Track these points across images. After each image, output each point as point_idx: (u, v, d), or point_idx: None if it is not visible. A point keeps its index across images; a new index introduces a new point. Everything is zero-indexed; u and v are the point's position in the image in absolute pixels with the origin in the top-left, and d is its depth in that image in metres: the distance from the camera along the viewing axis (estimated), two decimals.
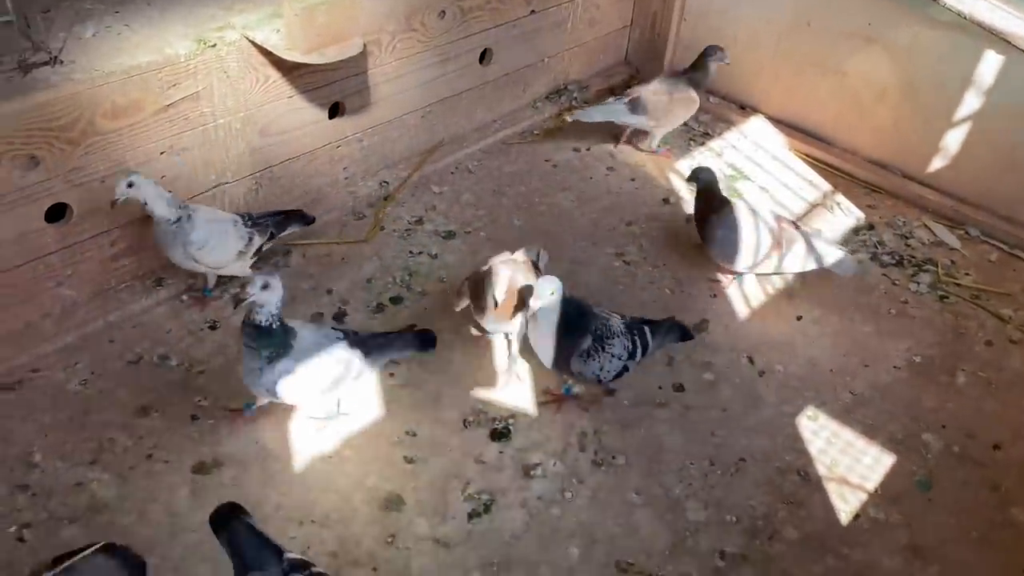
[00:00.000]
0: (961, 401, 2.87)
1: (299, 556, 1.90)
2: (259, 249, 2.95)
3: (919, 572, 2.36)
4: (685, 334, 2.75)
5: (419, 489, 2.48)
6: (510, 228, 3.48)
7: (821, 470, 2.62)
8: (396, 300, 3.10)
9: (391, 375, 2.81)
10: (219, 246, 2.82)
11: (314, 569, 1.87)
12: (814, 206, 3.74)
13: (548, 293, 2.43)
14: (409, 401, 2.73)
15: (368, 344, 2.53)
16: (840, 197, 3.78)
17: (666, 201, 3.69)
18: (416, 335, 2.66)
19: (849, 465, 2.64)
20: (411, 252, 3.32)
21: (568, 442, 2.65)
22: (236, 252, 2.87)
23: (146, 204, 2.63)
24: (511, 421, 2.69)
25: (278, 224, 3.01)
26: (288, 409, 2.65)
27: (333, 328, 2.54)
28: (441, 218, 3.50)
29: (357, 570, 2.26)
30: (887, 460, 2.66)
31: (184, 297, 2.98)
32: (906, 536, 2.45)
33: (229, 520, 1.92)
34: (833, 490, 2.57)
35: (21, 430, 2.51)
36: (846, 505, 2.53)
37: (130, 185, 2.57)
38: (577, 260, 3.35)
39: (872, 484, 2.59)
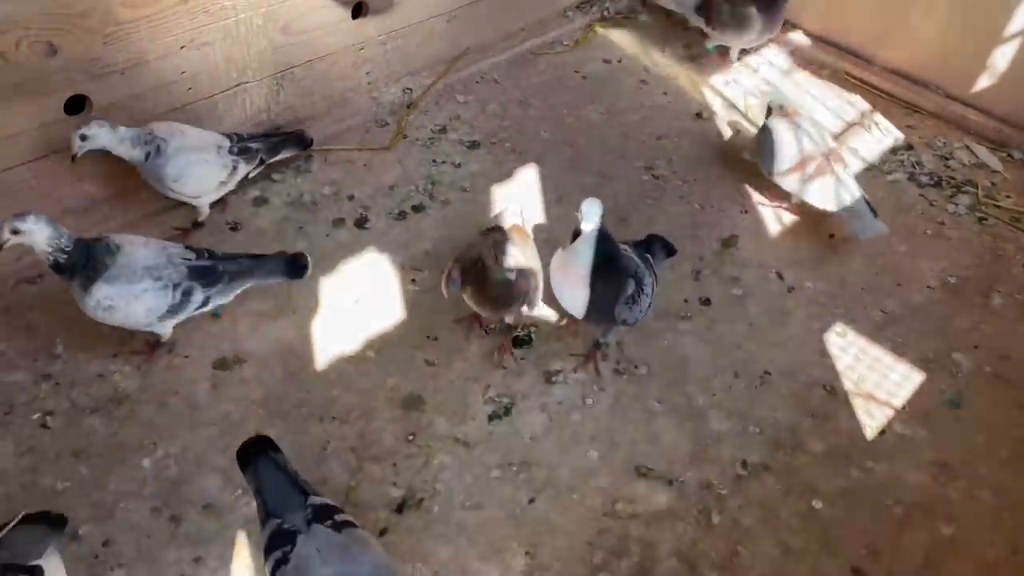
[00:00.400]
0: (996, 322, 2.80)
1: (325, 501, 1.84)
2: (245, 176, 2.80)
3: (944, 487, 2.32)
4: (671, 250, 2.67)
5: (439, 391, 2.46)
6: (536, 140, 3.39)
7: (848, 385, 2.57)
8: (418, 208, 3.05)
9: (412, 281, 2.78)
10: (197, 177, 2.66)
11: (338, 517, 1.80)
12: (851, 125, 3.60)
13: (597, 214, 2.17)
14: (431, 307, 2.70)
15: (220, 271, 2.34)
16: (879, 117, 3.64)
17: (699, 116, 3.57)
18: (285, 260, 2.48)
19: (877, 382, 2.59)
20: (434, 161, 3.24)
21: (590, 351, 2.61)
22: (217, 183, 2.72)
23: (110, 151, 2.52)
24: (533, 329, 2.66)
25: (271, 149, 2.84)
26: (309, 310, 2.63)
27: (187, 248, 2.35)
28: (465, 128, 3.42)
29: (377, 465, 2.26)
30: (916, 378, 2.61)
31: None
32: (932, 452, 2.41)
33: (257, 456, 1.87)
34: (859, 405, 2.52)
35: (43, 323, 2.51)
36: (872, 420, 2.48)
37: (83, 138, 2.44)
38: (604, 174, 3.26)
39: (899, 401, 2.54)
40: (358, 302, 2.68)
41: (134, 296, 2.19)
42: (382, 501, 2.19)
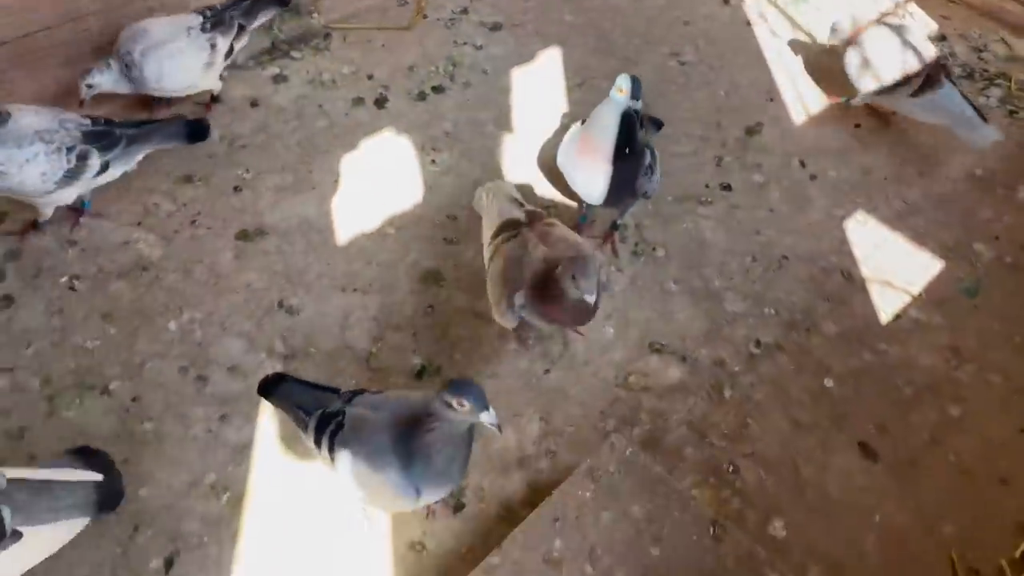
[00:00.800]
0: (1019, 214, 2.77)
1: (354, 389, 1.88)
2: (231, 50, 2.70)
3: (955, 370, 2.35)
4: (659, 124, 2.64)
5: (458, 267, 2.49)
6: (560, 24, 3.32)
7: (865, 272, 2.58)
8: (438, 89, 3.01)
9: (432, 162, 2.77)
10: (174, 70, 2.58)
11: (371, 390, 1.86)
12: (885, 15, 3.50)
13: (634, 90, 2.17)
14: (450, 187, 2.70)
15: (117, 135, 2.30)
16: (913, 6, 3.53)
17: (726, 2, 3.47)
18: (186, 124, 2.45)
19: (895, 269, 2.59)
20: (455, 42, 3.19)
21: (607, 233, 2.61)
22: (201, 66, 2.63)
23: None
24: (550, 207, 2.66)
25: (247, 12, 2.72)
26: (329, 187, 2.64)
27: (87, 116, 2.30)
28: (487, 9, 3.34)
29: (397, 334, 2.31)
30: (935, 266, 2.61)
31: (224, 74, 2.91)
32: (946, 337, 2.43)
33: (278, 383, 1.90)
34: (876, 291, 2.53)
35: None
36: (888, 306, 2.50)
37: (90, 87, 2.51)
38: (629, 59, 3.20)
39: (917, 288, 2.55)
40: (378, 181, 2.68)
41: (25, 160, 2.15)
42: (402, 368, 2.24)
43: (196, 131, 2.47)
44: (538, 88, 3.05)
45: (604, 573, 1.68)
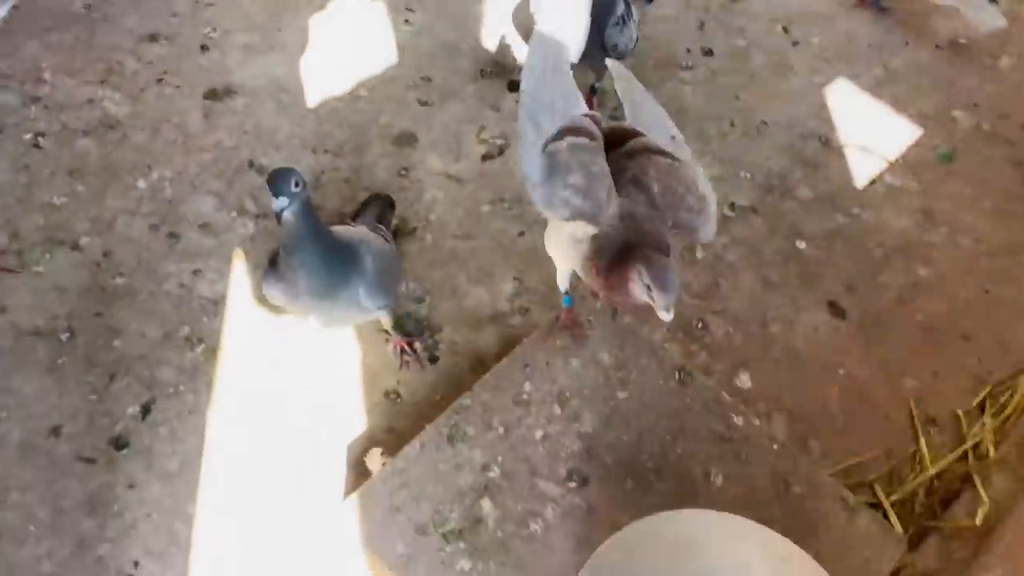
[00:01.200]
0: (1001, 83, 2.75)
1: None
2: None
3: (926, 233, 2.37)
4: None
5: (433, 130, 2.45)
6: None
7: (843, 138, 2.56)
8: None
9: (406, 22, 2.69)
10: None
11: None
12: None
13: None
14: (425, 48, 2.63)
15: None
16: None
17: None
18: None
19: (873, 135, 2.57)
20: None
21: (585, 95, 2.57)
22: None
23: None
24: None
25: None
26: (299, 46, 2.56)
27: None
28: None
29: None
30: (913, 133, 2.60)
31: None
32: (920, 201, 2.44)
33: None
34: (853, 157, 2.52)
35: (28, 46, 2.45)
36: (864, 171, 2.50)
37: None
38: None
39: (894, 154, 2.54)
40: (349, 41, 2.60)
41: None
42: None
43: None
44: None
45: (572, 414, 1.72)
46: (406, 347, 1.99)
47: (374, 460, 1.78)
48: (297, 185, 1.46)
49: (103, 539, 1.71)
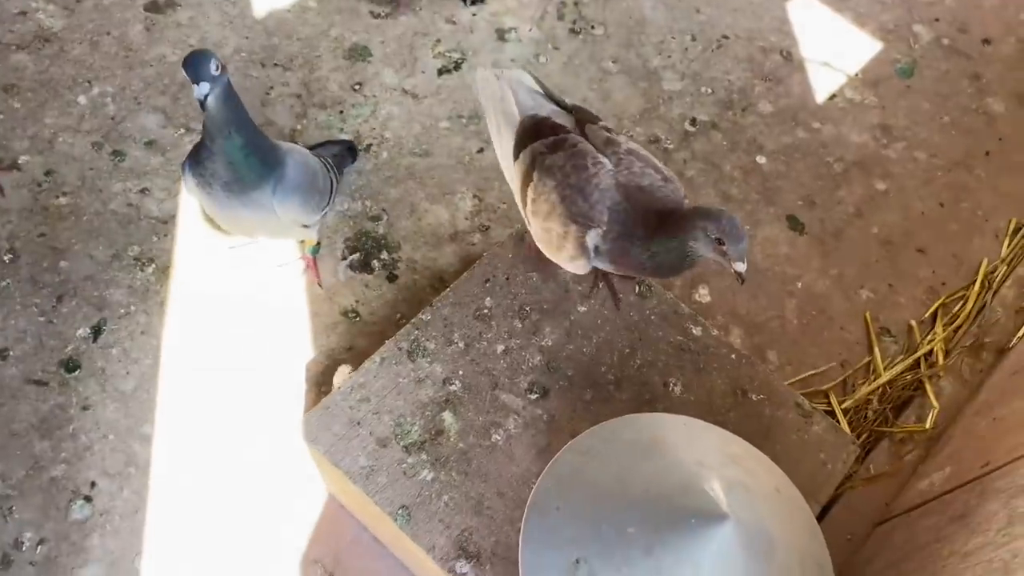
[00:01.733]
0: None
1: None
2: None
3: (884, 148, 2.38)
4: None
5: (387, 43, 2.37)
6: None
7: (804, 52, 2.53)
8: None
9: None
10: None
11: None
12: None
13: None
14: None
15: None
16: None
17: None
18: None
19: (834, 50, 2.55)
20: None
21: (546, 10, 2.50)
22: None
23: None
24: None
25: None
26: None
27: None
28: None
29: (323, 112, 2.22)
30: (873, 47, 2.58)
31: None
32: (878, 116, 2.44)
33: None
34: (813, 71, 2.50)
35: None
36: (824, 86, 2.48)
37: None
38: None
39: (854, 69, 2.52)
40: None
41: None
42: None
43: None
44: None
45: (533, 326, 1.72)
46: (312, 267, 1.96)
47: (342, 377, 1.76)
48: (217, 69, 1.40)
49: (57, 460, 1.68)
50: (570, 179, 1.41)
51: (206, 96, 1.39)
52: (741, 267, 1.30)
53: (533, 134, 1.49)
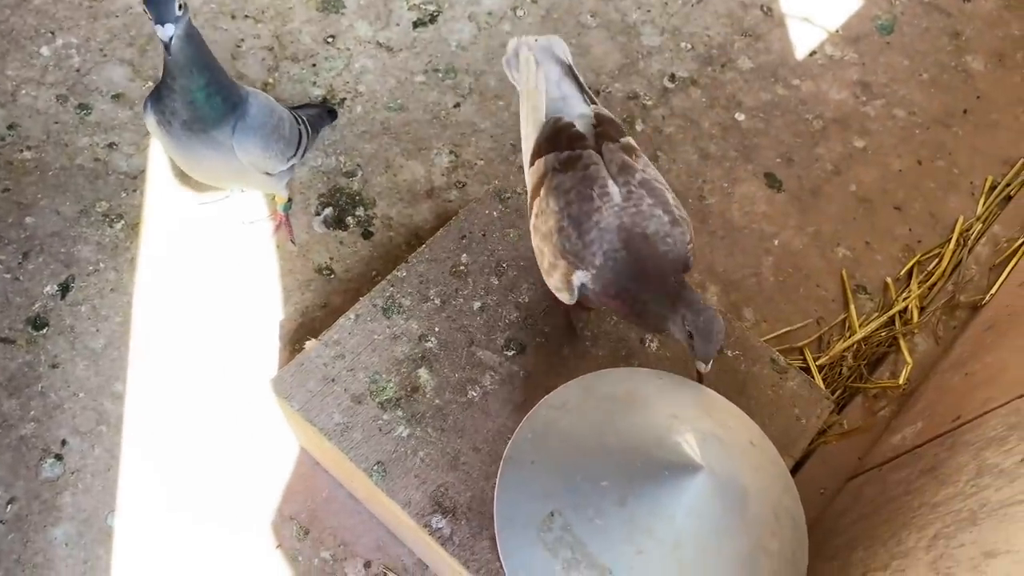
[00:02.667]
0: None
1: None
2: None
3: (863, 105, 2.36)
4: None
5: None
6: None
7: (785, 8, 2.51)
8: None
9: None
10: None
11: None
12: None
13: None
14: None
15: None
16: None
17: None
18: None
19: (815, 5, 2.52)
20: None
21: None
22: None
23: None
24: None
25: None
26: None
27: None
28: None
29: (295, 65, 2.17)
30: (854, 3, 2.55)
31: None
32: (858, 73, 2.42)
33: None
34: (794, 27, 2.48)
35: None
36: (804, 42, 2.45)
37: None
38: None
39: (834, 25, 2.50)
40: None
41: None
42: (302, 98, 2.13)
43: None
44: None
45: (510, 283, 1.70)
46: (285, 224, 1.93)
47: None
48: (180, 8, 1.35)
49: (26, 419, 1.66)
50: (571, 208, 1.34)
51: (171, 38, 1.35)
52: (702, 367, 1.28)
53: (552, 142, 1.41)
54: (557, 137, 1.41)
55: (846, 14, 2.53)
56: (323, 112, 1.99)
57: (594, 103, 1.49)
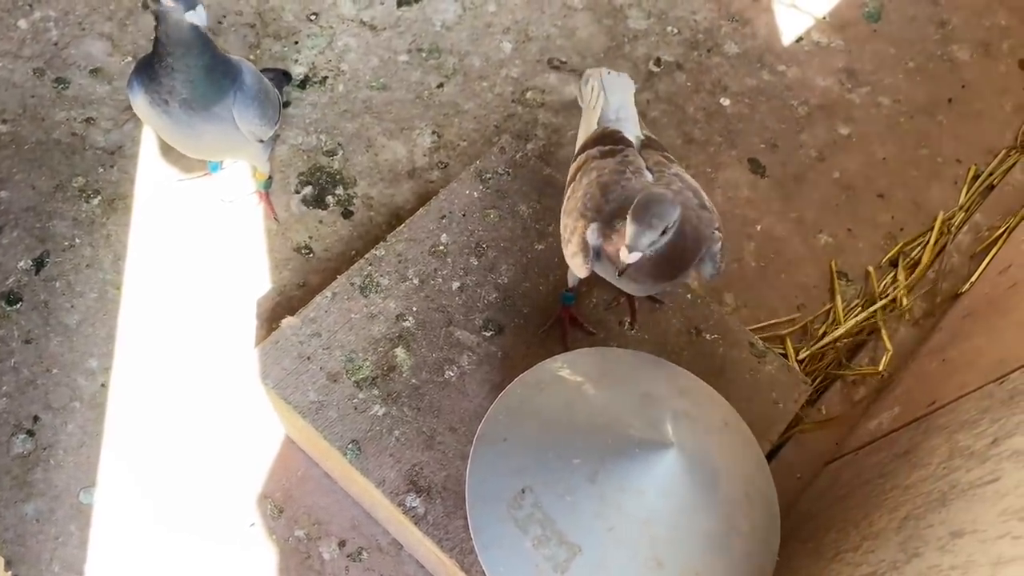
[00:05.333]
0: None
1: None
2: None
3: (849, 92, 2.36)
4: None
5: None
6: None
7: None
8: None
9: None
10: None
11: None
12: None
13: None
14: None
15: None
16: None
17: None
18: None
19: None
20: None
21: None
22: None
23: None
24: None
25: None
26: None
27: None
28: None
29: (277, 43, 2.15)
30: None
31: None
32: (844, 60, 2.41)
33: None
34: (781, 12, 2.47)
35: None
36: (791, 28, 2.44)
37: None
38: None
39: (821, 11, 2.49)
40: None
41: None
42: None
43: None
44: None
45: (489, 264, 1.69)
46: (266, 201, 1.91)
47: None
48: None
49: None
50: (603, 178, 1.38)
51: (195, 20, 1.34)
52: (627, 255, 1.18)
53: (597, 141, 1.49)
54: (603, 138, 1.50)
55: (833, 2, 2.52)
56: (279, 75, 1.96)
57: (646, 132, 1.57)
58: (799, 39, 2.43)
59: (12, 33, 2.02)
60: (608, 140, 1.48)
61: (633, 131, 1.53)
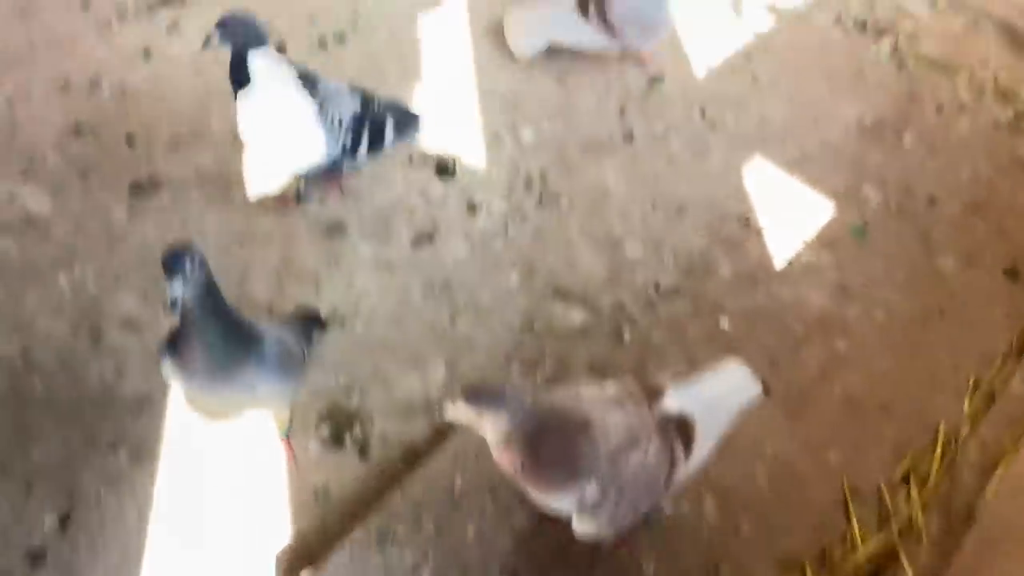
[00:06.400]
0: (905, 160, 2.90)
1: None
2: None
3: (843, 308, 2.46)
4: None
5: (363, 218, 2.47)
6: None
7: (761, 218, 2.66)
8: (340, 37, 2.96)
9: None
10: None
11: None
12: None
13: None
14: None
15: None
16: None
17: None
18: None
19: (789, 214, 2.68)
20: None
21: (513, 183, 2.64)
22: None
23: None
24: (456, 160, 2.66)
25: None
26: (227, 134, 2.57)
27: None
28: None
29: (299, 286, 2.29)
30: (827, 210, 2.71)
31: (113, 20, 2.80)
32: (835, 277, 2.54)
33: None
34: (771, 236, 2.62)
35: None
36: (782, 249, 2.59)
37: None
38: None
39: (810, 232, 2.65)
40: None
41: None
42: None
43: None
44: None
45: (504, 509, 1.72)
46: (287, 447, 1.98)
47: None
48: (191, 265, 1.45)
49: None
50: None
51: (178, 297, 1.46)
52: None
53: None
54: None
55: (820, 221, 2.68)
56: (310, 324, 2.07)
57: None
58: (790, 260, 2.56)
59: (53, 290, 2.17)
60: None
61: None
